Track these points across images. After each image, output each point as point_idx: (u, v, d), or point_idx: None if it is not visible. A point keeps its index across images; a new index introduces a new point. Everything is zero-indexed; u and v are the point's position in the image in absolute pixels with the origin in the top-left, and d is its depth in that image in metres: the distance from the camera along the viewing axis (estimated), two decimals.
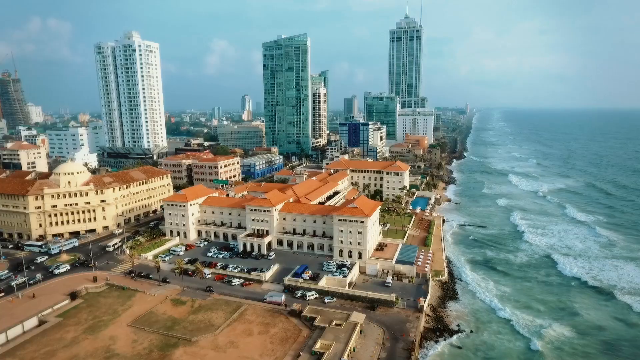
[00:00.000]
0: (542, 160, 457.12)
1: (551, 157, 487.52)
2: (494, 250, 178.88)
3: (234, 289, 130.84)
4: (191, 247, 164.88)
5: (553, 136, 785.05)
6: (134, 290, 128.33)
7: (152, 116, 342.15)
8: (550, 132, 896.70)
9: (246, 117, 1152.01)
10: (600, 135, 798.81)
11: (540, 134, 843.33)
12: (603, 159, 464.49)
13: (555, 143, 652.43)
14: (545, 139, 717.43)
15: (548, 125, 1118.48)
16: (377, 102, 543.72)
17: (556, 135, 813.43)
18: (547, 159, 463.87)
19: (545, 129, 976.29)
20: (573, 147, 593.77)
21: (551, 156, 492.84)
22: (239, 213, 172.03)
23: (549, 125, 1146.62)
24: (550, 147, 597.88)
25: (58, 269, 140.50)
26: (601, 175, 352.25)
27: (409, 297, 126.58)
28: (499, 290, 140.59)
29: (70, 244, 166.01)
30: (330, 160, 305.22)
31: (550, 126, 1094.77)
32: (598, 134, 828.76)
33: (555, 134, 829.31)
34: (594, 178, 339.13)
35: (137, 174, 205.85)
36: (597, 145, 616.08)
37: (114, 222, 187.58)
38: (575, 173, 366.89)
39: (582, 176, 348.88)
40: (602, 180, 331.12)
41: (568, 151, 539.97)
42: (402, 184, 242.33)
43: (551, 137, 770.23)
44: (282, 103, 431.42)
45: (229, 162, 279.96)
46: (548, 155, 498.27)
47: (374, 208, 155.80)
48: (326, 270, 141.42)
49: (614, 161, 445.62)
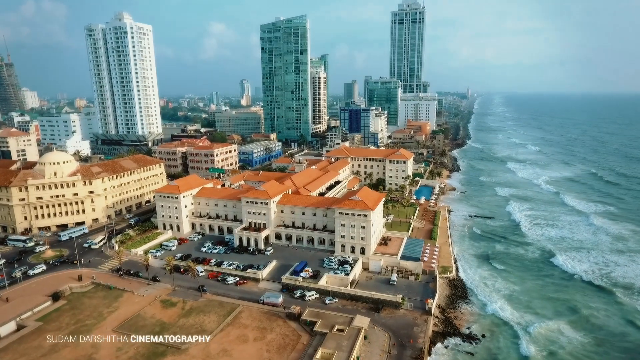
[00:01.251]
0: (545, 147, 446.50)
1: (555, 143, 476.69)
2: (503, 243, 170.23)
3: (229, 289, 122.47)
4: (184, 242, 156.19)
5: (555, 122, 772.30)
6: (122, 290, 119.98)
7: (145, 102, 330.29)
8: (552, 117, 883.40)
9: (245, 102, 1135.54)
10: (603, 120, 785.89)
11: (542, 119, 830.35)
12: (606, 145, 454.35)
13: (558, 129, 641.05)
14: (548, 125, 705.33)
15: (549, 111, 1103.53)
16: (379, 87, 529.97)
17: (558, 120, 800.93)
18: (551, 146, 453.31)
19: (547, 115, 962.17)
20: (576, 133, 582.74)
21: (555, 143, 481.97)
22: (234, 205, 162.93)
23: (550, 110, 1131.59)
24: (553, 133, 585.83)
25: (33, 269, 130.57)
26: (607, 164, 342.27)
27: (416, 297, 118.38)
28: (509, 290, 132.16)
29: (80, 231, 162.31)
30: (331, 147, 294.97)
31: (552, 111, 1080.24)
32: (600, 119, 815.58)
33: (557, 120, 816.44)
34: (599, 167, 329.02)
35: (127, 163, 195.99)
36: (600, 131, 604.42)
37: (104, 214, 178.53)
38: (579, 161, 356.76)
39: (587, 165, 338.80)
40: (609, 169, 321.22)
41: (572, 138, 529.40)
42: (405, 172, 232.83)
43: (553, 122, 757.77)
44: (281, 88, 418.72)
45: (226, 150, 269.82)
46: (552, 142, 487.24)
47: (377, 200, 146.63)
48: (327, 267, 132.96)
49: (619, 148, 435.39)
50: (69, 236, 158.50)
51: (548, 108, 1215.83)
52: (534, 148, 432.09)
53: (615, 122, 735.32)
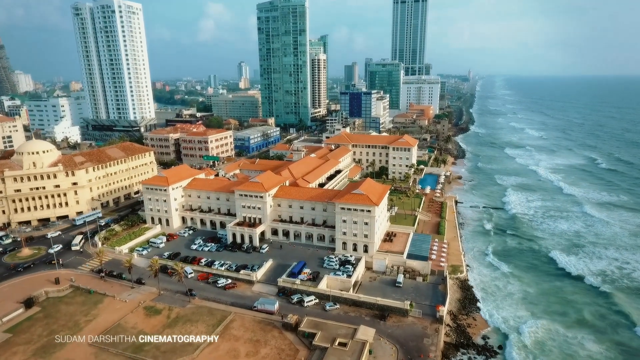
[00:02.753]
0: (550, 132, 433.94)
1: (559, 128, 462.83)
2: (515, 238, 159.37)
3: (220, 292, 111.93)
4: (174, 238, 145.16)
5: (560, 105, 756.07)
6: (102, 295, 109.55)
7: (137, 85, 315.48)
8: (556, 101, 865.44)
9: (243, 85, 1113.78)
10: (609, 104, 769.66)
11: (547, 103, 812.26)
12: (614, 132, 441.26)
13: (564, 113, 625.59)
14: (553, 109, 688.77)
15: (553, 94, 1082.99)
16: (380, 69, 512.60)
17: (564, 104, 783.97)
18: (556, 131, 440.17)
19: (551, 98, 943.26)
20: (579, 117, 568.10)
21: (559, 128, 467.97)
22: (227, 198, 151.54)
23: (554, 94, 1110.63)
24: (558, 118, 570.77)
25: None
26: (613, 151, 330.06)
27: (425, 302, 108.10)
28: (523, 293, 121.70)
29: (93, 216, 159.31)
30: (331, 133, 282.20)
31: (556, 95, 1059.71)
32: (604, 102, 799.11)
33: (562, 103, 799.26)
34: (604, 154, 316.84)
35: (114, 151, 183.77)
36: (604, 115, 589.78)
37: (89, 207, 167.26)
38: (585, 148, 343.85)
39: (593, 151, 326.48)
40: (615, 158, 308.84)
41: (576, 123, 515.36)
42: (409, 160, 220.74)
43: (558, 106, 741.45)
44: (279, 70, 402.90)
45: (221, 136, 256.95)
46: (559, 127, 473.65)
47: (382, 194, 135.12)
48: (327, 268, 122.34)
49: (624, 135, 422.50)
50: (83, 220, 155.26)
51: (550, 91, 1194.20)
52: (539, 134, 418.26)
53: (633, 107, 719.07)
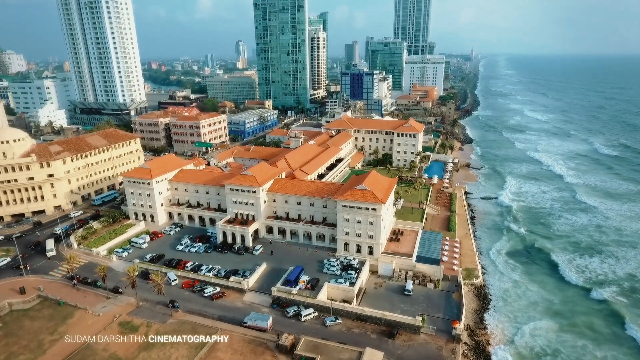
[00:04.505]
0: (564, 114, 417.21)
1: (567, 110, 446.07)
2: (532, 235, 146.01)
3: (206, 303, 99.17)
4: (158, 236, 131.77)
5: (563, 86, 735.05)
6: (73, 307, 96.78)
7: (125, 66, 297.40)
8: (563, 82, 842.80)
9: (241, 64, 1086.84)
10: (611, 84, 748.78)
11: (554, 83, 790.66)
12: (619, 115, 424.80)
13: (568, 94, 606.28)
14: (557, 91, 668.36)
15: (558, 75, 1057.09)
16: (382, 48, 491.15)
17: (570, 85, 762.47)
18: (571, 112, 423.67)
19: (557, 80, 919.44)
20: (584, 98, 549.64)
21: (567, 110, 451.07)
22: (218, 192, 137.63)
23: (558, 74, 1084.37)
24: (563, 100, 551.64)
25: None
26: (621, 137, 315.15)
27: (438, 314, 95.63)
28: (546, 301, 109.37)
29: (111, 196, 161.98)
30: (331, 117, 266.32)
31: (562, 76, 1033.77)
32: (608, 83, 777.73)
33: (569, 84, 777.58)
34: (611, 139, 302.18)
35: (95, 139, 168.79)
36: (607, 96, 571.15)
37: (67, 201, 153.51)
38: (596, 132, 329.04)
39: (600, 136, 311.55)
40: (623, 145, 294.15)
41: (584, 105, 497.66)
42: (415, 147, 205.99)
43: (562, 87, 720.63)
44: (277, 49, 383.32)
45: (214, 121, 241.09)
46: (564, 110, 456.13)
47: (388, 189, 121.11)
48: (327, 273, 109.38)
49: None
50: (101, 200, 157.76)
51: (555, 72, 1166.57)
52: (546, 117, 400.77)
53: None
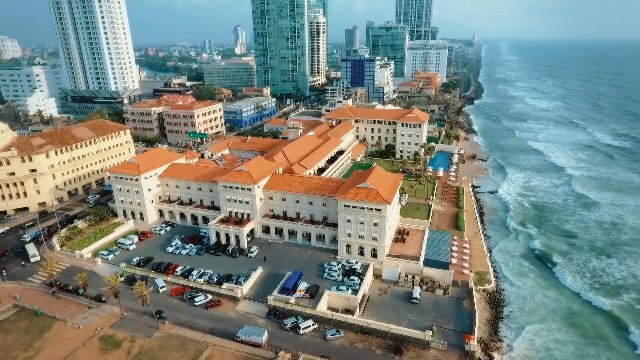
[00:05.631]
0: (567, 101, 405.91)
1: (576, 98, 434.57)
2: (546, 233, 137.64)
3: (197, 314, 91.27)
4: (147, 236, 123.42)
5: (569, 72, 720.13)
6: (51, 318, 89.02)
7: (117, 52, 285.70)
8: (567, 68, 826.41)
9: (239, 50, 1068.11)
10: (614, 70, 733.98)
11: (559, 70, 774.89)
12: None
13: (574, 80, 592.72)
14: (564, 76, 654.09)
15: (562, 60, 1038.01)
16: (383, 34, 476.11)
17: (575, 71, 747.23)
18: (573, 100, 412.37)
19: (561, 66, 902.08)
20: (588, 84, 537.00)
21: (576, 97, 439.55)
22: (211, 188, 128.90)
23: (562, 60, 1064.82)
24: (570, 85, 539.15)
25: None
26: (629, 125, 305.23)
27: (448, 325, 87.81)
28: (565, 308, 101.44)
29: None
30: (331, 106, 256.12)
31: (565, 61, 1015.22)
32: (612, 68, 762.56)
33: (574, 70, 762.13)
34: (619, 127, 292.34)
35: (82, 131, 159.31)
36: (612, 82, 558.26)
37: (52, 197, 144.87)
38: (603, 120, 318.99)
39: (609, 124, 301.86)
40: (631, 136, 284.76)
41: (591, 91, 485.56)
42: (420, 138, 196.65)
43: (567, 73, 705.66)
44: (275, 35, 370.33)
45: (209, 110, 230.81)
46: (572, 96, 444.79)
47: (394, 187, 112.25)
48: (328, 279, 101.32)
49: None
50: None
51: (558, 58, 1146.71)
52: (553, 104, 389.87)
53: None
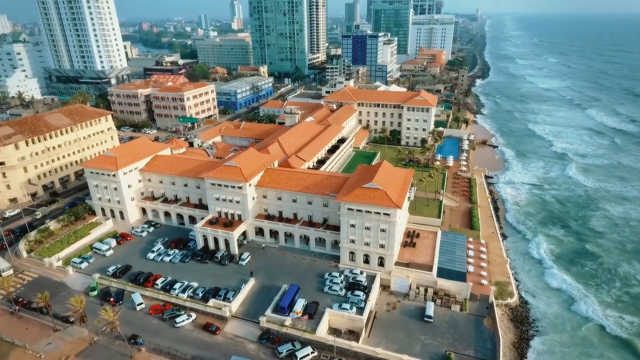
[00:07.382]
0: (576, 80, 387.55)
1: (585, 76, 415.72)
2: (572, 233, 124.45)
3: (178, 337, 79.17)
4: (127, 239, 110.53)
5: (575, 48, 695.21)
6: (9, 344, 77.05)
7: (102, 28, 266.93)
8: (577, 43, 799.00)
9: (236, 25, 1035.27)
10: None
11: (567, 48, 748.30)
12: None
13: (583, 57, 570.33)
14: (572, 53, 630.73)
15: (569, 36, 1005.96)
16: (386, 8, 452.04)
17: (577, 47, 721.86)
18: (582, 80, 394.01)
19: (570, 42, 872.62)
20: (596, 62, 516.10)
21: (585, 75, 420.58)
22: (198, 185, 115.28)
23: (570, 35, 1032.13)
24: (579, 62, 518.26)
25: None
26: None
27: (467, 351, 75.96)
28: (599, 327, 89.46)
29: None
30: (332, 87, 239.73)
31: (574, 37, 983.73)
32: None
33: (586, 46, 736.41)
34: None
35: (56, 118, 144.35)
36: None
37: (24, 192, 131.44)
38: (619, 100, 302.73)
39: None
40: None
41: (600, 69, 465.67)
42: (427, 123, 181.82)
43: (575, 50, 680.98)
44: (272, 9, 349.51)
45: (200, 92, 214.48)
46: (582, 75, 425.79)
47: (404, 187, 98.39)
48: (329, 294, 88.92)
49: None
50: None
51: (565, 33, 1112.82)
52: (565, 83, 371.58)
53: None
